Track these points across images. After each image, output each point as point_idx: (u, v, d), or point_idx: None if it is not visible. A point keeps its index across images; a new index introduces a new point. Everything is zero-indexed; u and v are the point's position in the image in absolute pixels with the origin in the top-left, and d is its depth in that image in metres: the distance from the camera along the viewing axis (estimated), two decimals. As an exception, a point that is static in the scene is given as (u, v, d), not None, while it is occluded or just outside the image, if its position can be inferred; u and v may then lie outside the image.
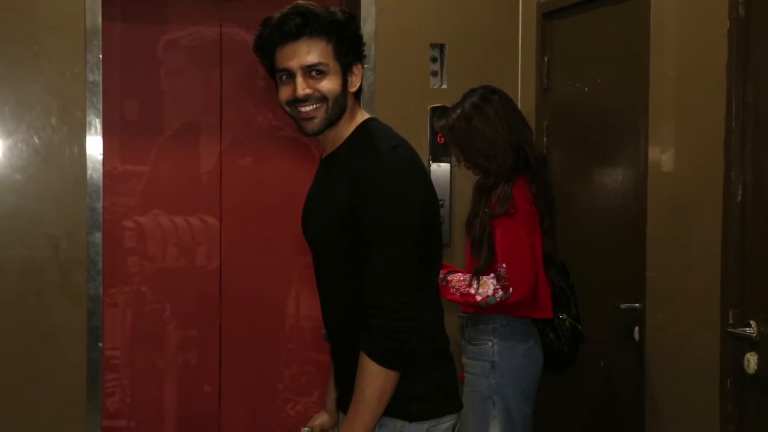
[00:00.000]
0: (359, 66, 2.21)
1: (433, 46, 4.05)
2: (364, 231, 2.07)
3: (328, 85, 2.15)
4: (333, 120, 2.18)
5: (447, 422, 2.21)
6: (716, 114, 2.90)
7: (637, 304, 3.34)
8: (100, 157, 3.58)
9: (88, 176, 3.55)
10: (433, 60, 4.05)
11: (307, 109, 2.15)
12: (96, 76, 3.57)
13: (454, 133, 3.12)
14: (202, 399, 4.28)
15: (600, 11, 3.69)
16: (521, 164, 3.05)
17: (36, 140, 3.56)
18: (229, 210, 4.26)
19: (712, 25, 2.99)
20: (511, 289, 2.91)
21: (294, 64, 2.12)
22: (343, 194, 2.12)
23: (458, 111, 3.13)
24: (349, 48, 2.17)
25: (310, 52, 2.12)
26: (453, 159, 3.86)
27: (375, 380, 2.06)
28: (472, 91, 3.18)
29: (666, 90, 3.19)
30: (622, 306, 3.39)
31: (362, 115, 2.25)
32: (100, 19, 3.60)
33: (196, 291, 4.22)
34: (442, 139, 3.87)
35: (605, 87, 3.65)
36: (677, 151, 3.16)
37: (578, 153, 3.87)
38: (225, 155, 4.24)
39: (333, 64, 2.15)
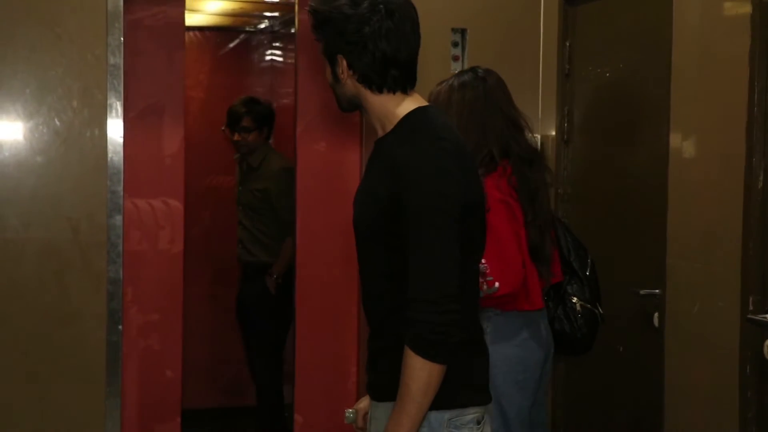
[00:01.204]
0: (341, 58, 2.19)
1: (454, 30, 4.03)
2: (405, 221, 2.07)
3: (327, 76, 2.27)
4: (345, 106, 2.27)
5: (471, 414, 2.18)
6: (738, 100, 2.88)
7: (657, 290, 3.32)
8: (121, 140, 3.58)
9: (108, 159, 3.56)
10: (455, 44, 4.03)
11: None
12: (117, 59, 3.57)
13: (436, 104, 2.94)
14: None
15: (622, -4, 3.67)
16: (496, 156, 2.92)
17: (57, 123, 3.58)
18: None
19: (735, 10, 2.96)
20: (497, 284, 2.81)
21: None
22: (384, 182, 2.12)
23: (444, 85, 3.06)
24: (328, 42, 2.21)
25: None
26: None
27: (420, 374, 2.05)
28: (468, 70, 3.10)
29: (688, 75, 3.16)
30: (642, 292, 3.38)
31: (414, 103, 2.23)
32: (121, 2, 3.60)
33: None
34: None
35: (627, 72, 3.62)
36: (699, 137, 3.14)
37: (600, 139, 3.85)
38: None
39: (324, 58, 2.25)
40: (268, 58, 6.17)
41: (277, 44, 6.12)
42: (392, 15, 2.21)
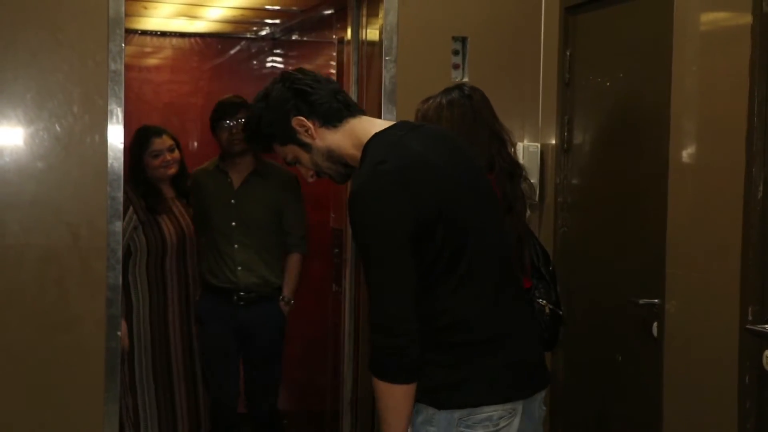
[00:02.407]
0: (297, 119, 2.37)
1: (455, 38, 4.04)
2: None
3: (303, 162, 2.44)
4: (341, 171, 2.45)
5: (485, 413, 2.22)
6: (738, 110, 2.88)
7: (656, 300, 3.32)
8: (121, 146, 3.59)
9: (108, 165, 3.56)
10: (455, 53, 4.04)
11: (325, 177, 2.50)
12: (118, 65, 3.58)
13: (426, 121, 3.08)
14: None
15: (623, 6, 3.67)
16: (486, 169, 2.96)
17: (57, 128, 3.58)
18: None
19: (735, 20, 2.97)
20: None
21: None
22: None
23: (432, 102, 3.12)
24: (271, 135, 2.42)
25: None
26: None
27: (383, 396, 2.19)
28: (454, 87, 3.16)
29: (688, 85, 3.17)
30: (641, 301, 3.38)
31: (365, 135, 2.36)
32: (123, 9, 3.61)
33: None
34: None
35: (627, 82, 3.63)
36: (699, 146, 3.14)
37: (599, 148, 3.85)
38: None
39: (283, 150, 2.43)
40: (268, 65, 6.18)
41: (278, 51, 6.13)
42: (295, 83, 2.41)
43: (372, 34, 4.12)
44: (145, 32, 5.82)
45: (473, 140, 3.00)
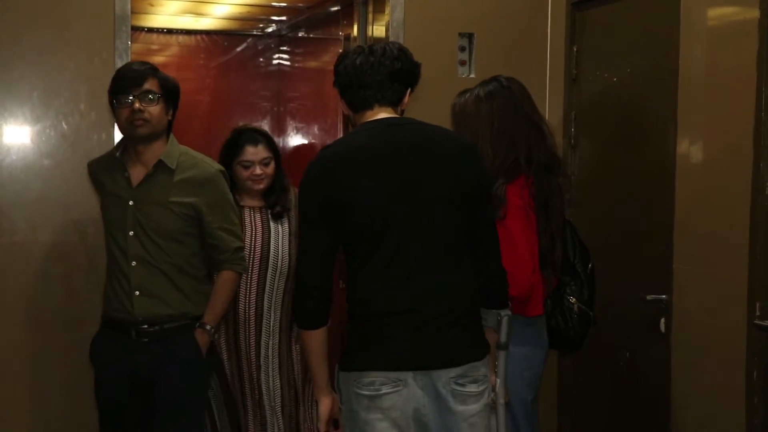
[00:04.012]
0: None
1: (461, 35, 4.04)
2: None
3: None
4: None
5: (369, 378, 2.52)
6: (746, 105, 2.87)
7: (663, 296, 3.32)
8: (128, 143, 3.58)
9: (115, 162, 3.56)
10: (462, 49, 4.04)
11: None
12: (124, 63, 3.58)
13: (464, 115, 3.09)
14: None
15: (629, 1, 3.66)
16: (523, 164, 2.97)
17: (64, 126, 3.59)
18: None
19: (742, 15, 2.96)
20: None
21: None
22: None
23: (469, 95, 3.11)
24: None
25: None
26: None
27: (300, 336, 2.71)
28: (491, 79, 3.14)
29: (695, 80, 3.16)
30: (649, 297, 3.37)
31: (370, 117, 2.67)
32: (129, 6, 3.61)
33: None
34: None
35: (634, 77, 3.62)
36: (706, 142, 3.13)
37: (606, 143, 3.84)
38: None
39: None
40: (275, 62, 6.18)
41: (284, 48, 6.12)
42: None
43: (378, 30, 4.12)
44: (151, 29, 5.82)
45: (513, 133, 2.99)
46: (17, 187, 3.56)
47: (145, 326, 3.10)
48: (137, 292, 3.09)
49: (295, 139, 5.94)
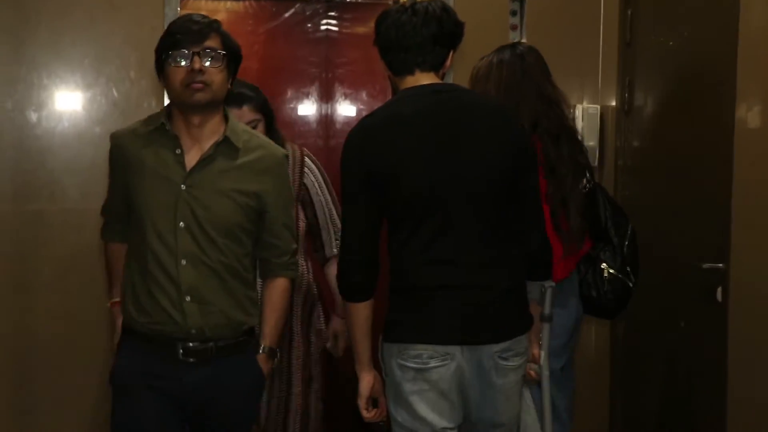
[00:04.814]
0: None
1: (512, -1, 3.97)
2: None
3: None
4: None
5: (415, 351, 2.48)
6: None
7: (720, 264, 3.24)
8: (178, 110, 3.57)
9: (166, 130, 3.57)
10: (513, 13, 3.97)
11: None
12: (174, 29, 3.57)
13: (476, 79, 3.10)
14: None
15: (687, -38, 3.57)
16: (530, 130, 2.95)
17: (115, 93, 3.60)
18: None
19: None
20: None
21: None
22: None
23: (485, 60, 3.12)
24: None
25: None
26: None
27: (345, 308, 2.64)
28: (508, 46, 3.15)
29: (755, 44, 3.07)
30: (705, 266, 3.30)
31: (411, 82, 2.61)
32: (178, -28, 3.61)
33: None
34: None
35: (692, 42, 3.53)
36: (765, 106, 3.04)
37: (661, 110, 3.76)
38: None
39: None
40: (323, 27, 6.12)
41: (332, 14, 6.06)
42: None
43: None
44: (199, -4, 5.79)
45: (519, 101, 2.99)
46: (69, 155, 3.58)
47: (197, 342, 2.56)
48: (188, 298, 2.55)
49: (344, 106, 5.90)
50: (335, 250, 3.24)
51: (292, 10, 6.08)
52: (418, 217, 2.50)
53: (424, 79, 2.56)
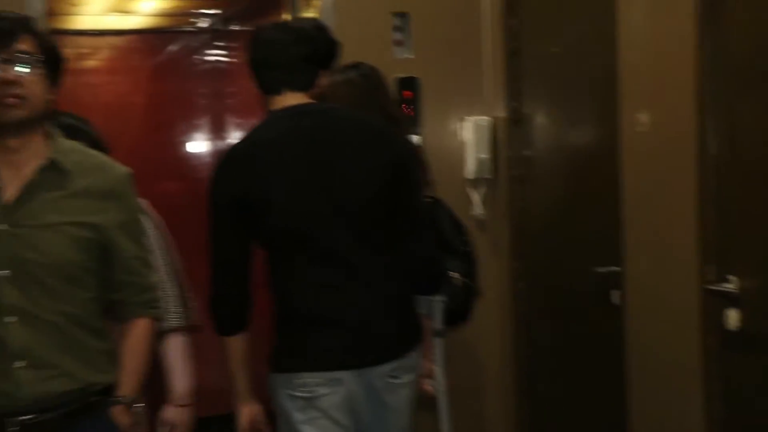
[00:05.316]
0: None
1: (395, 14, 3.93)
2: None
3: None
4: None
5: (301, 379, 2.42)
6: (687, 64, 2.80)
7: (615, 267, 3.24)
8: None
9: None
10: (397, 29, 3.94)
11: None
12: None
13: (321, 99, 3.01)
14: None
15: (564, -30, 3.60)
16: None
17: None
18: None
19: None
20: None
21: None
22: None
23: (330, 79, 3.00)
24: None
25: None
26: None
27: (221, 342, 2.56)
28: (352, 66, 3.11)
29: (635, 47, 3.09)
30: (600, 270, 3.30)
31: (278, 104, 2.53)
32: (42, 6, 3.46)
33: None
34: (411, 110, 3.82)
35: (575, 48, 3.55)
36: (649, 108, 3.04)
37: (551, 117, 3.78)
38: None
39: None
40: (211, 59, 6.03)
41: (220, 43, 5.98)
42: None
43: (311, 15, 4.01)
44: (80, 32, 5.64)
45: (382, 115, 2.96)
46: None
47: (35, 414, 2.04)
48: (19, 363, 2.04)
49: (237, 137, 5.80)
50: (176, 322, 2.79)
51: (177, 42, 5.98)
52: (295, 242, 2.45)
53: (291, 99, 2.49)
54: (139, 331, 2.25)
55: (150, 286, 2.31)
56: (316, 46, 2.51)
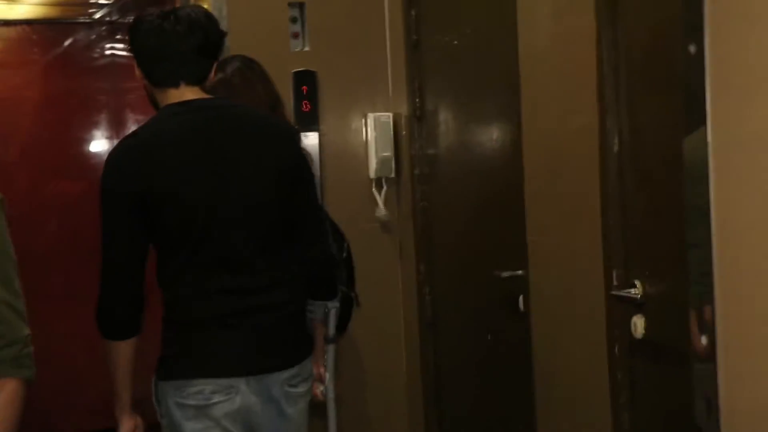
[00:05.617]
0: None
1: (291, 5, 3.73)
2: None
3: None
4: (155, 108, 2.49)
5: (196, 387, 2.33)
6: (588, 59, 2.64)
7: (520, 272, 3.09)
8: None
9: None
10: (293, 20, 3.73)
11: None
12: None
13: (232, 88, 2.89)
14: None
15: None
16: None
17: None
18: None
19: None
20: None
21: None
22: None
23: (231, 67, 2.94)
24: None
25: None
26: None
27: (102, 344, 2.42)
28: (230, 58, 2.98)
29: (535, 34, 2.92)
30: (504, 274, 3.15)
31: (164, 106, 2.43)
32: None
33: None
34: (308, 106, 3.63)
35: (476, 39, 3.37)
36: (550, 104, 2.88)
37: (453, 113, 3.61)
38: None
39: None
40: (108, 53, 5.75)
41: (118, 37, 5.70)
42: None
43: (203, 4, 3.78)
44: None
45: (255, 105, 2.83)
46: None
47: None
48: None
49: (138, 133, 5.54)
50: None
51: (73, 35, 5.69)
52: (191, 241, 2.35)
53: (189, 93, 2.40)
54: (5, 394, 1.86)
55: (19, 338, 1.90)
56: (209, 37, 2.40)
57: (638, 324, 2.54)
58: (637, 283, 2.55)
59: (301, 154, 2.54)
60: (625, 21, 2.56)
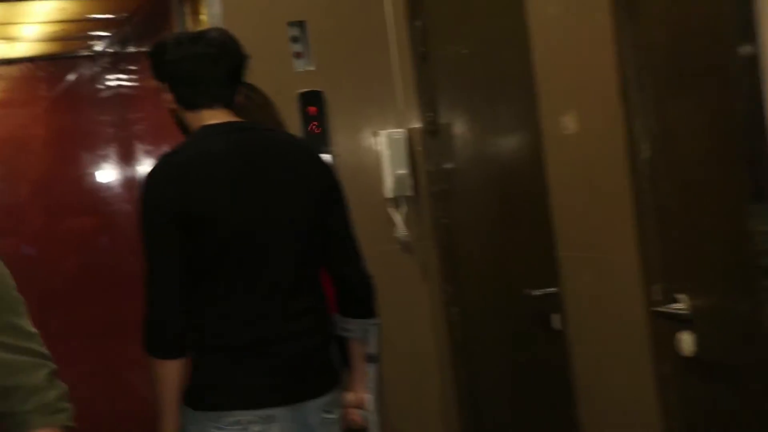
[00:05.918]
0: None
1: (291, 24, 3.56)
2: None
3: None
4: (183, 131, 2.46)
5: (233, 417, 2.27)
6: (607, 61, 2.47)
7: (552, 289, 2.91)
8: None
9: None
10: (294, 40, 3.57)
11: None
12: None
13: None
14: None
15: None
16: None
17: None
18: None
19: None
20: None
21: None
22: None
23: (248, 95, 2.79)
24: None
25: None
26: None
27: (151, 366, 2.32)
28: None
29: (549, 40, 2.76)
30: (536, 293, 2.98)
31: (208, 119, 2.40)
32: None
33: None
34: (318, 128, 3.49)
35: (486, 47, 3.21)
36: (571, 109, 2.70)
37: (470, 124, 3.44)
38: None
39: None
40: (113, 84, 5.65)
41: (122, 67, 5.61)
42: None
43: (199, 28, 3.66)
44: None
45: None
46: None
47: None
48: None
49: (147, 164, 5.44)
50: None
51: (76, 69, 5.61)
52: (227, 264, 2.31)
53: (223, 115, 2.39)
54: None
55: (41, 383, 1.80)
56: (238, 60, 2.43)
57: (686, 341, 2.36)
58: (682, 297, 2.37)
59: (335, 176, 2.52)
60: (644, 15, 2.39)
